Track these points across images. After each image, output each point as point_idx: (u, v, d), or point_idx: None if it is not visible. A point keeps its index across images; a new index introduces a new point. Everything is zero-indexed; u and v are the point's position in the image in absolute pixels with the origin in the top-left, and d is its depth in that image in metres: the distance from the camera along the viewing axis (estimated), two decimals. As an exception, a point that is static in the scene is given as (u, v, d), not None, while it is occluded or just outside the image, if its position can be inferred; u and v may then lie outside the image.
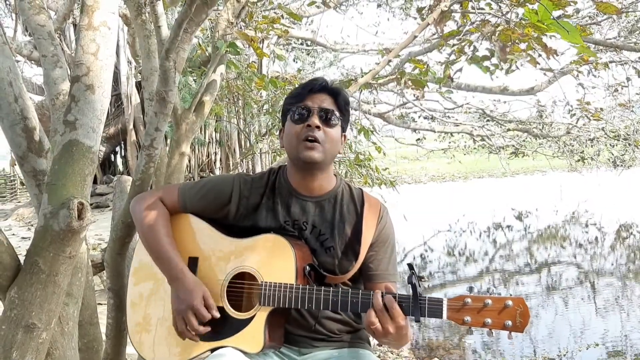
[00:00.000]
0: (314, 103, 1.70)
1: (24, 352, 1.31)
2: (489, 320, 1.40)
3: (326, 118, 1.69)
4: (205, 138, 14.92)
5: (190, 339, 1.62)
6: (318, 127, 1.66)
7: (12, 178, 22.82)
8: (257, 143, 7.41)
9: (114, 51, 1.49)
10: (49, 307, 1.33)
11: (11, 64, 1.43)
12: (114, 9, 1.49)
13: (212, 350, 1.66)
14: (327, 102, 1.71)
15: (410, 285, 1.48)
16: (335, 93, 1.74)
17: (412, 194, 17.30)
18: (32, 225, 12.98)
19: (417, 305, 1.47)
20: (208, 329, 1.61)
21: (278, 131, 1.83)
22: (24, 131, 1.44)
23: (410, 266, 1.50)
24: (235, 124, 9.82)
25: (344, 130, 1.79)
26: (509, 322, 1.39)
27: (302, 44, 12.86)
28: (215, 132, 15.23)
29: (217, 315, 1.61)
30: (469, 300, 1.43)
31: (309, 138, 1.65)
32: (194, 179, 13.60)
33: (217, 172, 15.63)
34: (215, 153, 16.15)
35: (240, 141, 15.29)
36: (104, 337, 2.30)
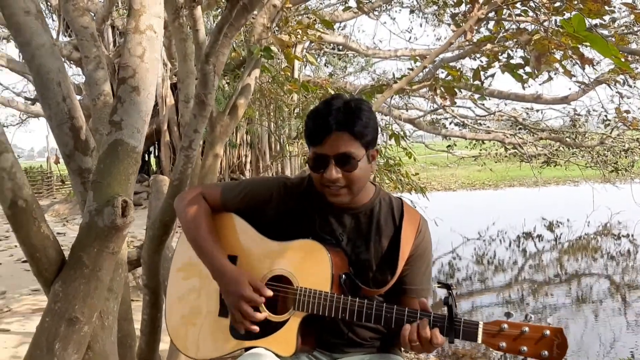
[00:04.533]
0: (329, 149, 1.58)
1: (66, 345, 1.35)
2: (524, 349, 1.38)
3: (346, 162, 1.59)
4: (236, 140, 15.05)
5: (250, 330, 1.61)
6: (337, 177, 1.59)
7: (48, 175, 23.36)
8: (287, 146, 7.45)
9: (159, 54, 1.53)
10: (92, 302, 1.37)
11: (60, 64, 1.48)
12: (159, 13, 1.53)
13: (246, 349, 1.69)
14: (342, 144, 1.58)
15: (446, 306, 1.47)
16: (349, 126, 1.58)
17: (442, 201, 17.14)
18: (67, 221, 13.30)
19: (452, 327, 1.45)
20: (266, 313, 1.62)
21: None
22: (71, 130, 1.49)
23: (448, 286, 1.47)
24: (267, 126, 9.92)
25: (372, 147, 1.68)
26: (546, 352, 1.37)
27: (333, 48, 12.90)
28: (247, 134, 15.36)
29: (270, 293, 1.61)
30: (505, 326, 1.41)
31: (331, 187, 1.61)
32: (224, 180, 13.74)
33: (247, 174, 15.75)
34: (246, 155, 16.28)
35: (270, 144, 15.39)
36: (136, 333, 2.35)
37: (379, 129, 1.77)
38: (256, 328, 1.61)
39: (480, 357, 5.37)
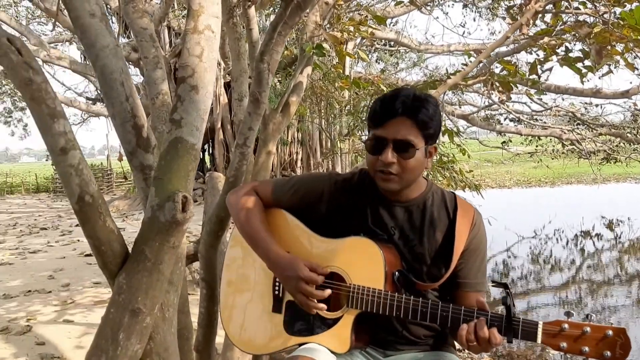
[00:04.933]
0: (390, 133, 1.59)
1: (129, 335, 1.40)
2: (586, 349, 1.36)
3: (403, 149, 1.59)
4: (287, 138, 15.19)
5: (318, 310, 1.63)
6: (392, 163, 1.59)
7: (108, 172, 24.23)
8: (338, 143, 7.47)
9: (217, 54, 1.57)
10: (154, 294, 1.42)
11: (123, 65, 1.53)
12: (217, 13, 1.57)
13: (300, 345, 1.71)
14: (404, 129, 1.59)
15: (504, 305, 1.45)
16: (414, 112, 1.60)
17: (496, 199, 16.78)
18: (126, 217, 13.76)
19: (510, 327, 1.44)
20: (329, 291, 1.63)
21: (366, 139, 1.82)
22: (134, 128, 1.54)
23: (505, 285, 1.46)
24: (318, 124, 9.97)
25: (432, 143, 1.67)
26: (608, 353, 1.34)
27: (385, 44, 12.83)
28: (298, 132, 15.48)
29: (327, 271, 1.64)
30: (566, 326, 1.39)
31: (384, 171, 1.61)
32: (275, 177, 13.89)
33: (298, 171, 15.88)
34: (297, 153, 16.41)
35: (321, 141, 15.45)
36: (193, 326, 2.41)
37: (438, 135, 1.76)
38: (323, 306, 1.62)
39: (536, 359, 5.24)
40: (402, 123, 1.59)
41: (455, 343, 1.81)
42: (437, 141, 1.76)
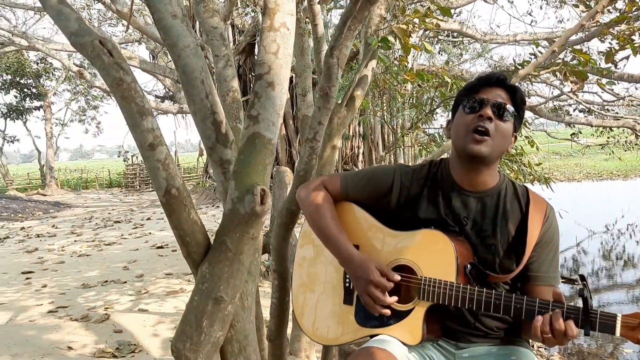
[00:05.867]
0: (489, 96, 1.66)
1: (212, 322, 1.47)
2: None
3: (500, 112, 1.64)
4: (349, 132, 15.21)
5: (382, 313, 1.65)
6: (490, 118, 1.62)
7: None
8: (402, 137, 7.41)
9: (291, 50, 1.61)
10: (234, 283, 1.48)
11: (203, 63, 1.60)
12: (292, 11, 1.61)
13: (371, 336, 1.73)
14: (502, 97, 1.67)
15: (581, 297, 1.42)
16: (513, 89, 1.70)
17: (565, 192, 16.21)
18: (198, 209, 14.20)
19: (587, 319, 1.41)
20: (395, 298, 1.65)
21: (445, 122, 1.82)
22: (213, 124, 1.60)
23: (582, 277, 1.44)
24: (380, 117, 9.93)
25: (515, 129, 1.72)
26: None
27: (448, 35, 12.62)
28: (359, 125, 15.46)
29: (397, 278, 1.65)
30: None
31: (479, 129, 1.62)
32: (337, 172, 13.93)
33: (360, 165, 15.87)
34: (359, 147, 16.40)
35: (383, 135, 15.38)
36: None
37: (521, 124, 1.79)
38: (388, 311, 1.65)
39: (608, 357, 5.05)
40: (501, 92, 1.68)
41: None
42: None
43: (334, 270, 1.84)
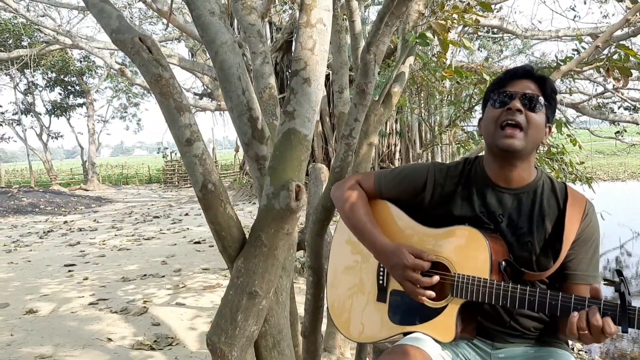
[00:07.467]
0: (517, 88, 1.63)
1: (247, 316, 1.48)
2: None
3: (530, 103, 1.61)
4: (386, 129, 15.12)
5: (427, 297, 1.62)
6: (519, 110, 1.59)
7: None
8: (440, 134, 7.33)
9: (327, 47, 1.61)
10: (269, 278, 1.49)
11: (240, 60, 1.61)
12: (329, 6, 1.61)
13: (405, 334, 1.72)
14: (531, 88, 1.63)
15: (618, 293, 1.38)
16: (542, 79, 1.66)
17: (609, 192, 15.76)
18: (235, 205, 14.39)
19: (625, 316, 1.37)
20: (437, 277, 1.62)
21: (478, 120, 1.79)
22: (249, 120, 1.61)
23: (619, 272, 1.40)
24: (418, 115, 9.84)
25: (549, 120, 1.67)
26: None
27: (487, 31, 12.40)
28: (396, 123, 15.36)
29: (432, 258, 1.64)
30: None
31: (509, 122, 1.59)
32: (373, 169, 13.88)
33: (397, 163, 15.77)
34: (395, 144, 16.30)
35: (420, 132, 15.24)
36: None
37: (554, 114, 1.74)
38: (432, 293, 1.62)
39: (653, 362, 4.90)
40: (530, 84, 1.65)
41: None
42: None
43: (367, 267, 1.84)
